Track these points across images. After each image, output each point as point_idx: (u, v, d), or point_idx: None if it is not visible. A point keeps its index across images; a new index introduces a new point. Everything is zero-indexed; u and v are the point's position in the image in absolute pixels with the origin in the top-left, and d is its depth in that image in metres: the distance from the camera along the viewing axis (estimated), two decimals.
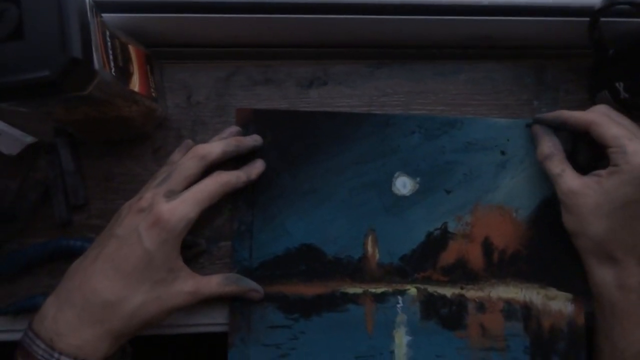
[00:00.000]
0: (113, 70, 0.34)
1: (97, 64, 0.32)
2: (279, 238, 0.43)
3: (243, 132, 0.44)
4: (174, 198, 0.37)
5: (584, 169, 0.40)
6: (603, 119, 0.39)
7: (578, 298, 0.43)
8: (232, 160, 0.42)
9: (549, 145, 0.42)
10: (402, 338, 0.43)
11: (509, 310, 0.43)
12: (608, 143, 0.38)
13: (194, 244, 0.43)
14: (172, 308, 0.37)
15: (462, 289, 0.43)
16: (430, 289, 0.43)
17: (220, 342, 0.43)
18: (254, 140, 0.43)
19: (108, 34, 0.35)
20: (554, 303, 0.43)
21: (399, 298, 0.43)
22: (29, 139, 0.42)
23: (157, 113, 0.42)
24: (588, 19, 0.42)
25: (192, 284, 0.38)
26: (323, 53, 0.47)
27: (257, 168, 0.42)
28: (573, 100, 0.47)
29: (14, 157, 0.42)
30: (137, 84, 0.38)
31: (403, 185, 0.44)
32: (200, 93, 0.46)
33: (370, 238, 0.44)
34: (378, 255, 0.43)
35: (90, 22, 0.32)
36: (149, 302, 0.36)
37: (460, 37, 0.47)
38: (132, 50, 0.39)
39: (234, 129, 0.43)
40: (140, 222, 0.36)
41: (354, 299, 0.43)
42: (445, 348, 0.43)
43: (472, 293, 0.43)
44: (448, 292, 0.43)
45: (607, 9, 0.40)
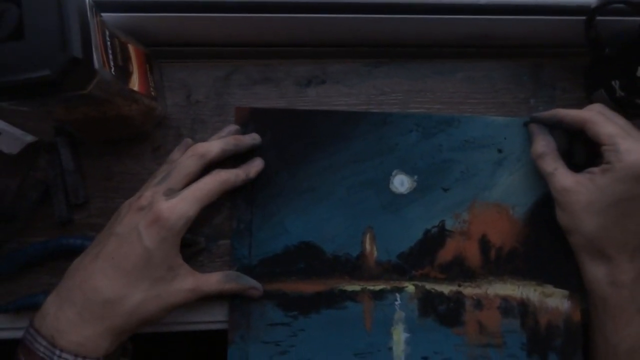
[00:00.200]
0: (113, 70, 0.34)
1: (97, 64, 0.32)
2: (278, 236, 0.43)
3: (242, 130, 0.44)
4: (174, 196, 0.37)
5: (580, 167, 0.41)
6: (598, 118, 0.39)
7: (574, 295, 0.43)
8: (231, 159, 0.42)
9: (542, 144, 0.42)
10: (400, 335, 0.43)
11: (506, 307, 0.43)
12: (602, 141, 0.38)
13: (194, 242, 0.43)
14: (172, 305, 0.37)
15: (459, 286, 0.44)
16: (428, 286, 0.44)
17: (220, 339, 0.43)
18: (253, 139, 0.43)
19: (108, 34, 0.35)
20: (551, 300, 0.44)
21: (397, 295, 0.43)
22: (29, 138, 0.42)
23: (156, 112, 0.43)
24: (584, 18, 0.43)
25: (191, 282, 0.38)
26: (321, 52, 0.48)
27: (255, 166, 0.42)
28: (570, 99, 0.47)
29: (14, 156, 0.42)
30: (136, 83, 0.39)
31: (401, 184, 0.44)
32: (200, 92, 0.46)
33: (369, 236, 0.44)
34: (376, 253, 0.44)
35: (90, 21, 0.32)
36: (149, 299, 0.36)
37: (458, 36, 0.47)
38: (131, 50, 0.39)
39: (233, 128, 0.44)
40: (140, 220, 0.36)
41: (353, 297, 0.43)
42: (443, 345, 0.43)
43: (469, 290, 0.44)
44: (445, 289, 0.44)
45: (603, 8, 0.41)
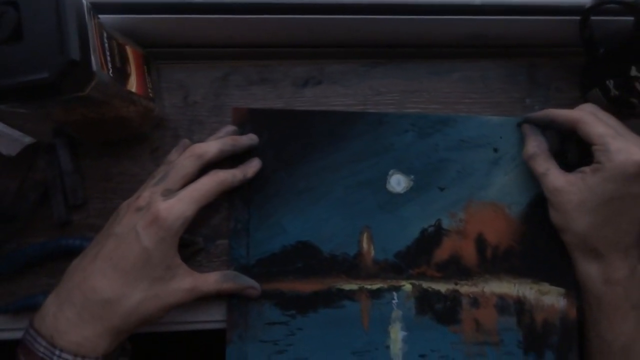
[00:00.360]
0: (110, 71, 0.35)
1: (94, 66, 0.32)
2: (276, 236, 0.43)
3: (239, 131, 0.44)
4: (171, 197, 0.37)
5: (573, 167, 0.41)
6: (589, 117, 0.39)
7: (570, 292, 0.44)
8: (228, 159, 0.42)
9: (534, 145, 0.42)
10: (397, 333, 0.43)
11: (503, 305, 0.44)
12: (593, 141, 0.39)
13: (192, 243, 0.43)
14: (170, 305, 0.38)
15: (456, 285, 0.44)
16: (425, 285, 0.44)
17: (219, 339, 0.44)
18: (250, 139, 0.43)
19: (105, 36, 0.35)
20: (547, 298, 0.44)
21: (394, 294, 0.44)
22: (28, 140, 0.42)
23: (154, 113, 0.43)
24: (579, 18, 0.43)
25: (190, 282, 0.38)
26: (318, 53, 0.48)
27: (253, 167, 0.43)
28: (564, 98, 0.48)
29: (13, 157, 0.42)
30: (134, 85, 0.39)
31: (397, 183, 0.45)
32: (197, 93, 0.46)
33: (366, 235, 0.44)
34: (373, 252, 0.44)
35: (88, 24, 0.32)
36: (148, 299, 0.36)
37: (454, 36, 0.47)
38: (129, 51, 0.40)
39: (230, 128, 0.44)
40: (138, 220, 0.36)
41: (350, 295, 0.43)
42: (440, 343, 0.43)
43: (466, 288, 0.44)
44: (442, 287, 0.44)
45: (597, 8, 0.41)
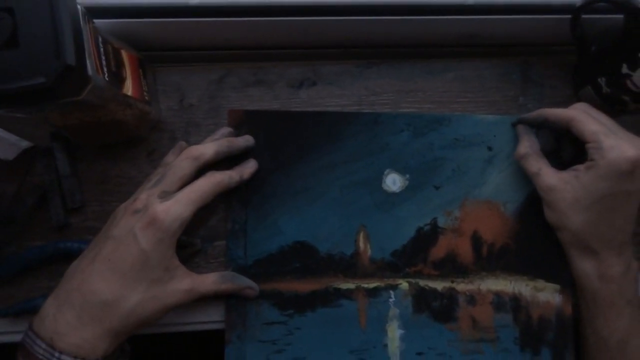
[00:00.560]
0: (106, 76, 0.35)
1: (90, 70, 0.32)
2: (273, 236, 0.44)
3: (235, 133, 0.44)
4: (168, 198, 0.37)
5: (567, 165, 0.41)
6: (582, 116, 0.40)
7: (565, 289, 0.44)
8: (225, 161, 0.42)
9: (526, 146, 0.43)
10: (394, 332, 0.43)
11: (499, 302, 0.44)
12: (586, 139, 0.39)
13: (189, 244, 0.43)
14: (169, 306, 0.38)
15: (452, 283, 0.44)
16: (422, 283, 0.44)
17: (217, 339, 0.44)
18: (246, 141, 0.43)
19: (100, 40, 0.35)
20: (542, 294, 0.44)
21: (391, 292, 0.44)
22: (25, 144, 0.43)
23: (150, 116, 0.43)
24: (570, 17, 0.43)
25: (188, 283, 0.39)
26: (313, 54, 0.48)
27: (249, 168, 0.43)
28: (558, 96, 0.48)
29: (11, 161, 0.42)
30: (130, 88, 0.39)
31: (393, 182, 0.45)
32: (193, 95, 0.46)
33: (362, 234, 0.44)
34: (370, 251, 0.44)
35: (83, 28, 0.32)
36: (146, 301, 0.37)
37: (447, 36, 0.47)
38: (124, 55, 0.40)
39: (226, 130, 0.44)
40: (136, 222, 0.36)
41: (347, 295, 0.44)
42: (437, 340, 0.43)
43: (462, 286, 0.44)
44: (439, 285, 0.44)
45: (587, 7, 0.41)
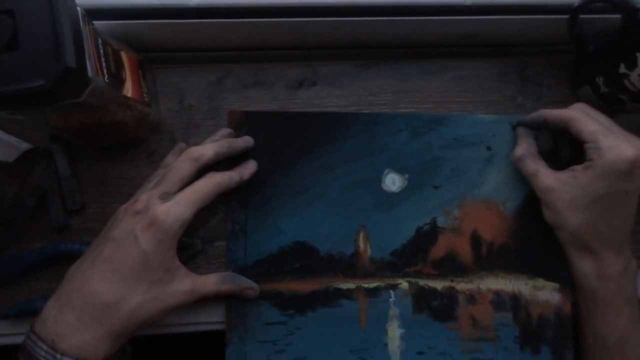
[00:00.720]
0: (106, 77, 0.35)
1: (90, 72, 0.32)
2: (273, 237, 0.44)
3: (235, 133, 0.44)
4: (169, 200, 0.37)
5: (565, 166, 0.41)
6: (581, 116, 0.40)
7: (565, 287, 0.44)
8: (224, 162, 0.42)
9: (523, 147, 0.43)
10: (395, 331, 0.44)
11: (498, 301, 0.44)
12: (584, 138, 0.39)
13: (190, 245, 0.44)
14: (170, 307, 0.38)
15: (452, 282, 0.44)
16: (422, 283, 0.44)
17: (218, 340, 0.44)
18: (246, 142, 0.44)
19: (100, 42, 0.35)
20: (542, 293, 0.44)
21: (391, 292, 0.44)
22: (25, 146, 0.43)
23: (150, 117, 0.43)
24: (567, 17, 0.43)
25: (189, 284, 0.39)
26: (312, 55, 0.48)
27: (249, 168, 0.43)
28: (556, 95, 0.48)
29: (11, 163, 0.42)
30: (130, 90, 0.39)
31: (392, 182, 0.45)
32: (192, 96, 0.46)
33: (362, 234, 0.44)
34: (370, 251, 0.44)
35: (83, 30, 0.32)
36: (147, 302, 0.37)
37: (446, 36, 0.48)
38: (124, 57, 0.40)
39: (226, 131, 0.44)
40: (136, 224, 0.36)
41: (348, 294, 0.44)
42: (437, 340, 0.44)
43: (462, 285, 0.44)
44: (439, 285, 0.44)
45: (585, 7, 0.41)
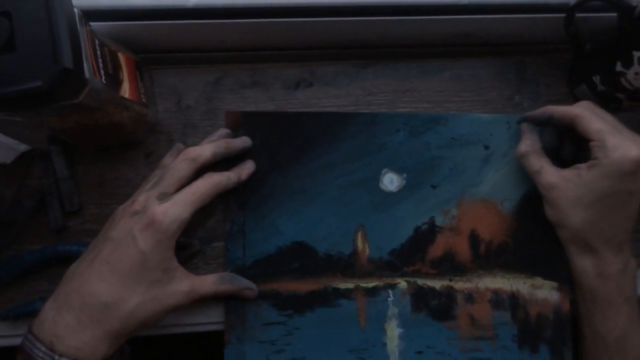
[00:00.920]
0: (103, 78, 0.35)
1: (87, 73, 0.32)
2: (271, 237, 0.44)
3: (233, 134, 0.45)
4: (167, 200, 0.37)
5: (569, 163, 0.41)
6: (587, 114, 0.40)
7: (563, 286, 0.44)
8: (222, 162, 0.42)
9: (527, 144, 0.43)
10: (393, 330, 0.44)
11: (497, 300, 0.44)
12: (590, 137, 0.39)
13: (188, 245, 0.44)
14: (168, 308, 0.38)
15: (450, 281, 0.44)
16: (420, 282, 0.44)
17: (217, 340, 0.44)
18: (244, 142, 0.44)
19: (97, 43, 0.36)
20: (540, 292, 0.44)
21: (390, 292, 0.44)
22: (23, 147, 0.43)
23: (147, 118, 0.43)
24: (564, 15, 0.43)
25: (187, 284, 0.39)
26: (309, 55, 0.48)
27: (247, 169, 0.43)
28: (553, 94, 0.48)
29: (9, 165, 0.42)
30: (127, 91, 0.39)
31: (390, 182, 0.45)
32: (190, 97, 0.46)
33: (360, 234, 0.44)
34: (368, 251, 0.44)
35: (80, 32, 0.32)
36: (146, 302, 0.37)
37: (443, 36, 0.48)
38: (121, 58, 0.40)
39: (224, 131, 0.44)
40: (134, 224, 0.36)
41: (346, 294, 0.44)
42: (436, 339, 0.44)
43: (460, 285, 0.44)
44: (437, 284, 0.44)
45: (581, 5, 0.42)
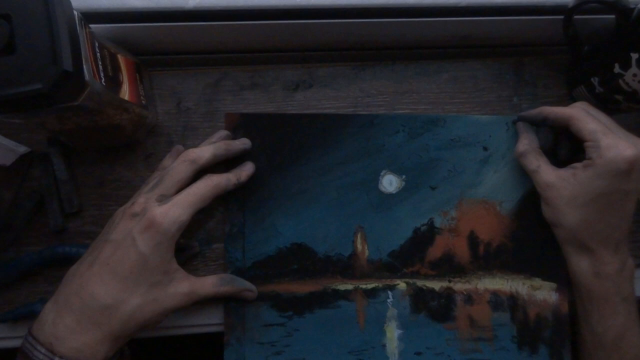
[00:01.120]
0: (103, 80, 0.35)
1: (87, 75, 0.32)
2: (270, 238, 0.44)
3: (232, 135, 0.45)
4: (166, 202, 0.37)
5: (565, 163, 0.41)
6: (581, 114, 0.40)
7: (562, 287, 0.44)
8: (222, 164, 0.42)
9: (525, 143, 0.43)
10: (393, 332, 0.44)
11: (496, 301, 0.44)
12: (584, 137, 0.39)
13: (188, 247, 0.44)
14: (168, 309, 0.38)
15: (449, 282, 0.45)
16: (419, 283, 0.44)
17: (216, 342, 0.44)
18: (243, 144, 0.44)
19: (97, 45, 0.36)
20: (539, 293, 0.45)
21: (389, 293, 0.44)
22: (23, 149, 0.43)
23: (147, 120, 0.43)
24: (562, 17, 0.44)
25: (187, 286, 0.39)
26: (308, 57, 0.48)
27: (246, 170, 0.43)
28: (552, 96, 0.48)
29: (8, 167, 0.42)
30: (127, 93, 0.39)
31: (389, 183, 0.45)
32: (190, 99, 0.46)
33: (360, 235, 0.45)
34: (367, 252, 0.44)
35: (80, 34, 0.32)
36: (146, 304, 0.37)
37: (441, 37, 0.48)
38: (121, 60, 0.40)
39: (223, 133, 0.44)
40: (134, 226, 0.36)
41: (346, 296, 0.44)
42: (435, 340, 0.44)
43: (459, 286, 0.45)
44: (436, 285, 0.45)
45: (579, 7, 0.42)
